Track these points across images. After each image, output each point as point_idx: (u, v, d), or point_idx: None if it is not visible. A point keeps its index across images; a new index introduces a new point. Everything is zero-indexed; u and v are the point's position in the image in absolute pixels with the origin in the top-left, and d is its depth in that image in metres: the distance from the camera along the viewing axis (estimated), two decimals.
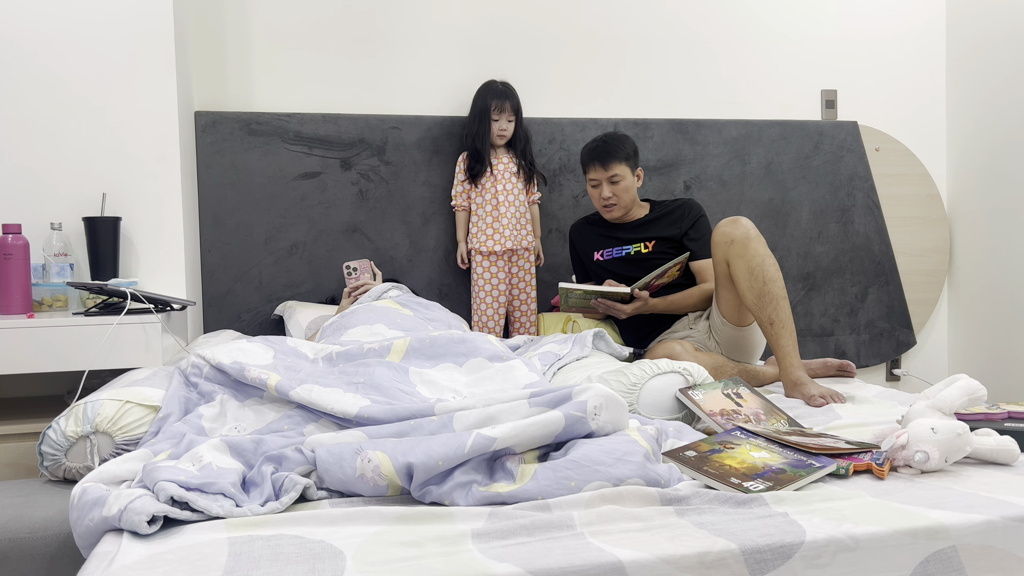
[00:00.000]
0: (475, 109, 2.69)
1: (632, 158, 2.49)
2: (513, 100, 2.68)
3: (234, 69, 2.77)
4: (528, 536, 1.08)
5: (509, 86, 2.71)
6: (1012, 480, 1.29)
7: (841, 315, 3.15)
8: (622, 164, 2.46)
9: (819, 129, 3.13)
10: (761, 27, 3.15)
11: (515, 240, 2.66)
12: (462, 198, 2.71)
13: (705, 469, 1.30)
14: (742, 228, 2.15)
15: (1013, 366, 3.02)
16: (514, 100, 2.69)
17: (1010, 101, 3.00)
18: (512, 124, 2.68)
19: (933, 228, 3.25)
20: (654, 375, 1.74)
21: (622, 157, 2.46)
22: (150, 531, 1.10)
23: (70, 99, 2.26)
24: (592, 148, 2.50)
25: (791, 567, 1.05)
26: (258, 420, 1.54)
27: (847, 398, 2.02)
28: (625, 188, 2.47)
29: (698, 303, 2.43)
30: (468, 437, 1.25)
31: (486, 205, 2.66)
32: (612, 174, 2.46)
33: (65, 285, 2.14)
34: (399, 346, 1.76)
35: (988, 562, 1.11)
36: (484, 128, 2.66)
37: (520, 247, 2.68)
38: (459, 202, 2.72)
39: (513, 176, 2.68)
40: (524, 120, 2.77)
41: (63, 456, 1.53)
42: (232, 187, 2.70)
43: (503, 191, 2.65)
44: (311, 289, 2.75)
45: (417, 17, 2.89)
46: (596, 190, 2.51)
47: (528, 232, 2.70)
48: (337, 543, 1.06)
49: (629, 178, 2.48)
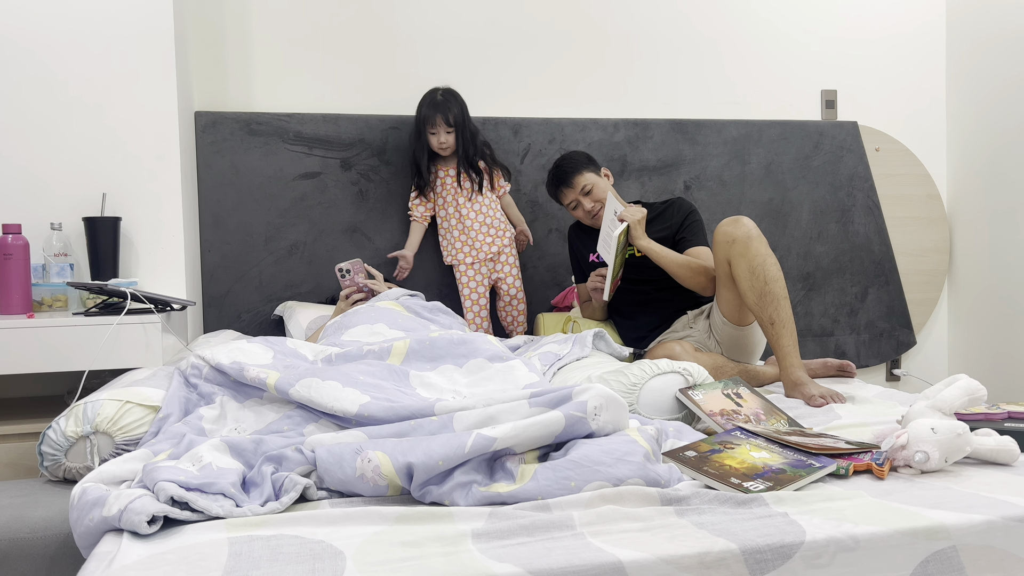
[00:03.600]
0: (415, 121, 2.65)
1: (590, 164, 2.51)
2: (451, 111, 2.57)
3: (234, 69, 2.77)
4: (528, 536, 1.08)
5: (450, 94, 2.62)
6: (1012, 480, 1.29)
7: (841, 315, 3.15)
8: (585, 173, 2.48)
9: (819, 129, 3.13)
10: (761, 27, 3.15)
11: (489, 246, 2.65)
12: (417, 211, 2.71)
13: (705, 469, 1.30)
14: (744, 227, 2.14)
15: (1013, 366, 3.02)
16: (453, 111, 2.58)
17: (1010, 101, 3.00)
18: (451, 135, 2.60)
19: (933, 228, 3.25)
20: (654, 375, 1.74)
21: (581, 167, 2.48)
22: (150, 531, 1.10)
23: (70, 99, 2.26)
24: (552, 178, 2.54)
25: (791, 567, 1.05)
26: (258, 421, 1.54)
27: (847, 398, 2.02)
28: (602, 190, 2.49)
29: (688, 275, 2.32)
30: (468, 437, 1.25)
31: (451, 218, 2.66)
32: (581, 187, 2.47)
33: (65, 285, 2.14)
34: (399, 348, 1.76)
35: (988, 562, 1.11)
36: (421, 143, 2.63)
37: (502, 246, 2.68)
38: (415, 214, 2.72)
39: (469, 186, 2.64)
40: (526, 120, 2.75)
41: (63, 456, 1.53)
42: (232, 187, 2.70)
43: (465, 203, 2.63)
44: (311, 289, 2.75)
45: (417, 17, 2.89)
46: (577, 210, 2.52)
47: (503, 231, 2.68)
48: (337, 543, 1.06)
49: (599, 182, 2.50)
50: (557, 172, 2.52)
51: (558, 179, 2.52)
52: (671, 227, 2.49)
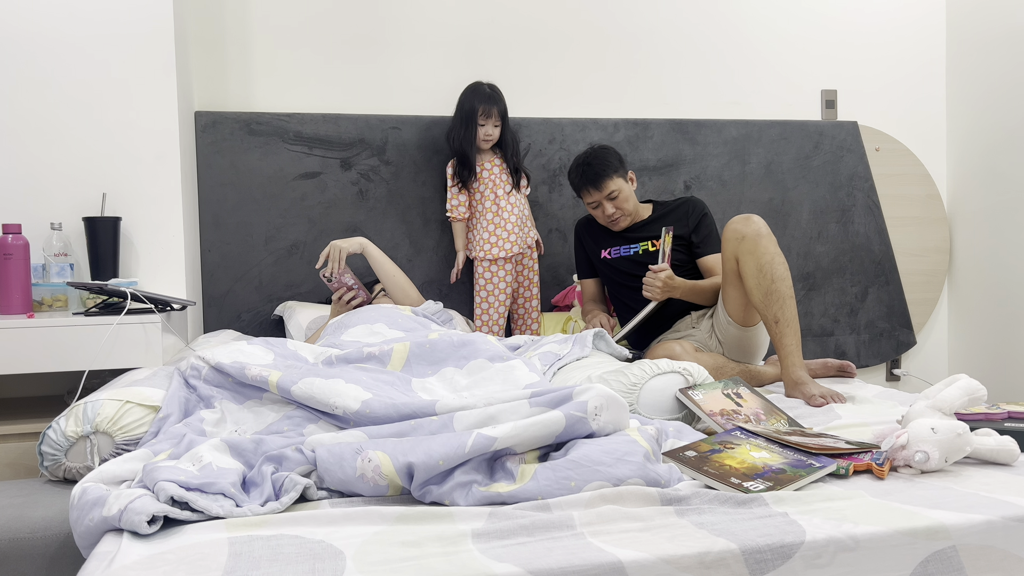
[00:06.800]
0: (461, 112, 2.63)
1: (621, 167, 2.46)
2: (500, 105, 2.62)
3: (234, 69, 2.77)
4: (528, 536, 1.08)
5: (496, 89, 2.66)
6: (1012, 480, 1.29)
7: (841, 315, 3.15)
8: (614, 178, 2.42)
9: (819, 129, 3.13)
10: (761, 27, 3.15)
11: (521, 243, 2.62)
12: (459, 210, 2.65)
13: (705, 469, 1.30)
14: (753, 225, 2.14)
15: (1013, 366, 3.02)
16: (501, 105, 2.63)
17: (1010, 101, 3.00)
18: (498, 129, 2.63)
19: (933, 228, 3.25)
20: (654, 375, 1.74)
21: (612, 171, 2.42)
22: (150, 531, 1.10)
23: (70, 99, 2.26)
24: (580, 173, 2.46)
25: (791, 567, 1.05)
26: (257, 422, 1.54)
27: (847, 398, 2.03)
28: (625, 198, 2.45)
29: (712, 296, 2.40)
30: (469, 437, 1.25)
31: (487, 213, 2.62)
32: (608, 192, 2.43)
33: (65, 285, 2.14)
34: (400, 352, 1.76)
35: (988, 562, 1.11)
36: (471, 132, 2.60)
37: (526, 247, 2.67)
38: (456, 214, 2.66)
39: (507, 180, 2.64)
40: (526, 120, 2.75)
41: (63, 456, 1.53)
42: (232, 187, 2.70)
43: (503, 195, 2.62)
44: (311, 289, 2.75)
45: (417, 17, 2.89)
46: (598, 210, 2.48)
47: (530, 231, 2.70)
48: (337, 543, 1.06)
49: (626, 188, 2.46)
50: (587, 171, 2.44)
51: (586, 179, 2.44)
52: (687, 226, 2.48)
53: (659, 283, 2.29)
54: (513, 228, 2.61)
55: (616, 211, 2.46)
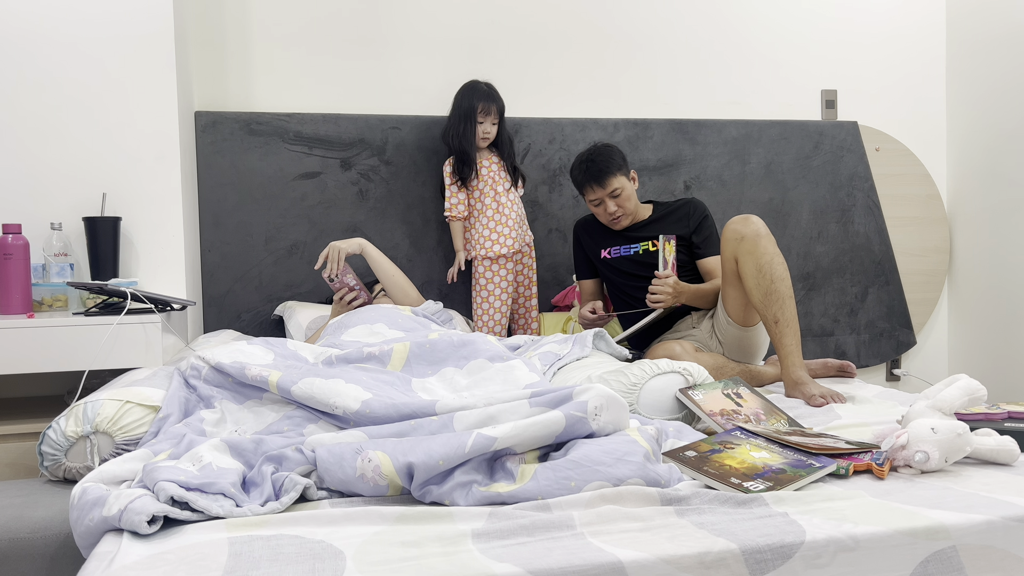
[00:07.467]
0: (459, 110, 2.61)
1: (624, 166, 2.46)
2: (498, 103, 2.63)
3: (234, 69, 2.77)
4: (528, 536, 1.08)
5: (493, 87, 2.65)
6: (1012, 480, 1.29)
7: (841, 315, 3.15)
8: (618, 175, 2.42)
9: (819, 129, 3.13)
10: (761, 27, 3.15)
11: (520, 240, 2.62)
12: (459, 208, 2.63)
13: (705, 469, 1.30)
14: (753, 226, 2.15)
15: (1013, 366, 3.02)
16: (499, 103, 2.63)
17: (1010, 101, 3.00)
18: (496, 127, 2.63)
19: (933, 228, 3.25)
20: (654, 375, 1.74)
21: (615, 169, 2.42)
22: (150, 531, 1.11)
23: (70, 99, 2.26)
24: (584, 169, 2.45)
25: (791, 567, 1.05)
26: (257, 422, 1.54)
27: (847, 398, 2.03)
28: (627, 197, 2.45)
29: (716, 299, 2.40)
30: (469, 437, 1.25)
31: (487, 210, 2.61)
32: (611, 189, 2.43)
33: (65, 285, 2.14)
34: (400, 352, 1.76)
35: (988, 562, 1.11)
36: (469, 130, 2.59)
37: (524, 245, 2.67)
38: (455, 213, 2.63)
39: (506, 177, 2.64)
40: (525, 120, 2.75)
41: (63, 456, 1.53)
42: (232, 187, 2.70)
43: (503, 192, 2.62)
44: (311, 289, 2.75)
45: (417, 17, 2.89)
46: (600, 208, 2.48)
47: (527, 230, 2.70)
48: (337, 543, 1.06)
49: (628, 186, 2.46)
50: (591, 167, 2.44)
51: (590, 175, 2.44)
52: (687, 228, 2.49)
53: (668, 290, 2.29)
54: (514, 225, 2.61)
55: (618, 209, 2.46)
